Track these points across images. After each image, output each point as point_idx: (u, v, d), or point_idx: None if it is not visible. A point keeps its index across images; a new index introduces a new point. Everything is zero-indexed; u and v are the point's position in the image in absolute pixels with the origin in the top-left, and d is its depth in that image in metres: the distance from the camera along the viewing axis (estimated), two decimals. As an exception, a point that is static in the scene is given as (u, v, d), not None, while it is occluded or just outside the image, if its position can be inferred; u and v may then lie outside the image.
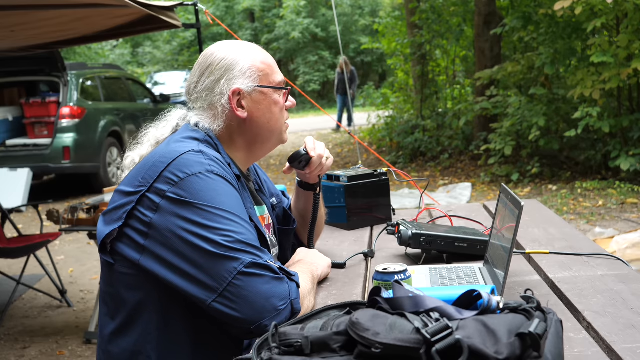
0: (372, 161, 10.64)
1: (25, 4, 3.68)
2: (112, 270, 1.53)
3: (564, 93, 8.48)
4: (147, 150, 1.68)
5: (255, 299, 1.38)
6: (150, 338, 1.50)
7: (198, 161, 1.49)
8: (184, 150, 1.52)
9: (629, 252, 4.30)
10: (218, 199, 1.45)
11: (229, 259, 1.40)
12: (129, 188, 1.51)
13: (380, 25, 14.26)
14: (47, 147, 8.70)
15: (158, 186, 1.46)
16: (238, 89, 1.63)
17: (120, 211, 1.50)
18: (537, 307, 1.03)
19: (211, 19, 5.03)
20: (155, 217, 1.45)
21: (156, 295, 1.50)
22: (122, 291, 1.53)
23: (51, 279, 4.68)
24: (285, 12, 24.50)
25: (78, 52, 18.67)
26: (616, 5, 7.05)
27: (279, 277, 1.42)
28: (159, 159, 1.51)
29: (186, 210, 1.43)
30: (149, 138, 1.72)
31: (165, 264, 1.44)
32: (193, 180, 1.46)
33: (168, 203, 1.45)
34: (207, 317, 1.48)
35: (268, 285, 1.40)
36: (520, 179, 8.31)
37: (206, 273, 1.40)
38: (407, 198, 7.36)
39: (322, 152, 1.87)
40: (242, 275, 1.39)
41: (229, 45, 1.69)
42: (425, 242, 1.90)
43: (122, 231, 1.49)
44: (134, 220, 1.48)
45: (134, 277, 1.50)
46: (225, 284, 1.39)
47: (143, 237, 1.47)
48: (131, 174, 1.56)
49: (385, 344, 0.95)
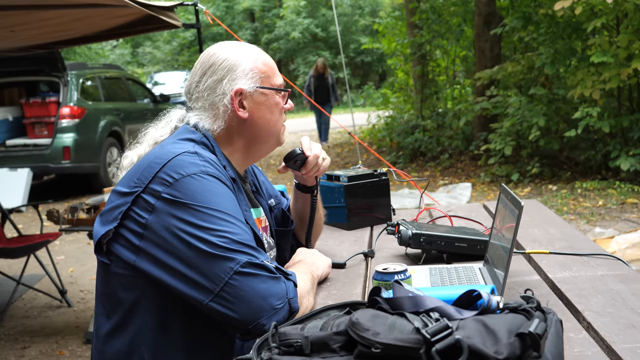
0: (372, 161, 10.64)
1: (25, 4, 3.68)
2: (108, 270, 1.54)
3: (564, 93, 8.48)
4: (145, 150, 1.68)
5: (252, 299, 1.38)
6: (145, 339, 1.50)
7: (193, 162, 1.50)
8: (179, 151, 1.52)
9: (629, 252, 4.30)
10: (213, 199, 1.45)
11: (225, 259, 1.40)
12: (124, 189, 1.52)
13: (380, 25, 14.26)
14: (47, 147, 8.70)
15: (153, 187, 1.46)
16: (240, 89, 1.64)
17: (115, 212, 1.50)
18: (537, 307, 1.03)
19: (211, 19, 5.02)
20: (150, 218, 1.45)
21: (151, 296, 1.50)
22: (117, 291, 1.53)
23: (51, 279, 4.68)
24: (285, 12, 24.51)
25: (78, 52, 18.68)
26: (616, 5, 7.05)
27: (276, 277, 1.42)
28: (154, 159, 1.51)
29: (181, 211, 1.43)
30: (148, 138, 1.72)
31: (161, 265, 1.44)
32: (188, 181, 1.46)
33: (163, 204, 1.45)
34: (202, 317, 1.49)
35: (265, 285, 1.40)
36: (520, 179, 8.31)
37: (202, 274, 1.40)
38: (407, 198, 7.36)
39: (318, 152, 1.86)
40: (239, 275, 1.39)
41: (231, 46, 1.69)
42: (425, 242, 1.90)
43: (117, 232, 1.49)
44: (130, 221, 1.48)
45: (130, 278, 1.50)
46: (222, 284, 1.39)
47: (138, 238, 1.47)
48: (127, 175, 1.56)
49: (385, 344, 0.95)
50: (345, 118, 15.39)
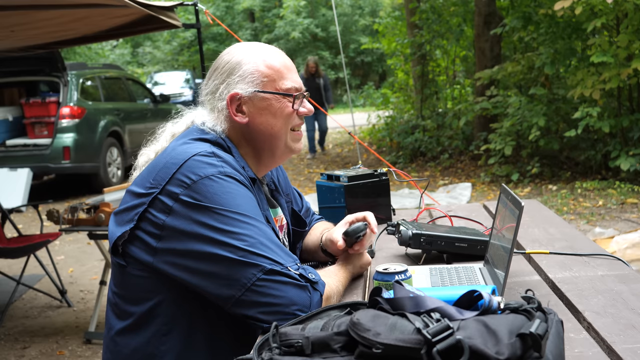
0: (372, 161, 10.64)
1: (25, 4, 3.68)
2: (124, 272, 1.52)
3: (564, 93, 8.48)
4: (163, 146, 1.65)
5: (275, 305, 1.37)
6: (164, 339, 1.49)
7: (210, 163, 1.46)
8: (195, 151, 1.49)
9: (629, 252, 4.30)
10: (233, 202, 1.43)
11: (248, 265, 1.38)
12: (140, 189, 1.49)
13: (380, 25, 14.27)
14: (47, 147, 8.70)
15: (170, 188, 1.44)
16: (236, 94, 1.59)
17: (131, 213, 1.48)
18: (537, 308, 1.03)
19: (211, 19, 5.02)
20: (168, 219, 1.43)
21: (170, 297, 1.49)
22: (134, 293, 1.51)
23: (51, 279, 4.68)
24: (285, 12, 24.50)
25: (78, 52, 18.68)
26: (616, 5, 7.05)
27: (301, 285, 1.40)
28: (170, 160, 1.48)
29: (201, 214, 1.41)
30: (166, 135, 1.69)
31: (182, 267, 1.43)
32: (206, 182, 1.43)
33: (182, 206, 1.42)
34: (224, 317, 1.47)
35: (287, 292, 1.38)
36: (520, 179, 8.31)
37: (225, 278, 1.39)
38: (407, 198, 7.36)
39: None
40: (262, 282, 1.37)
41: (239, 48, 1.65)
42: (426, 242, 1.89)
43: (133, 233, 1.47)
44: (146, 223, 1.46)
45: (147, 279, 1.49)
46: (245, 289, 1.37)
47: (156, 239, 1.45)
48: (142, 175, 1.53)
49: (386, 344, 0.95)
50: (345, 118, 15.39)
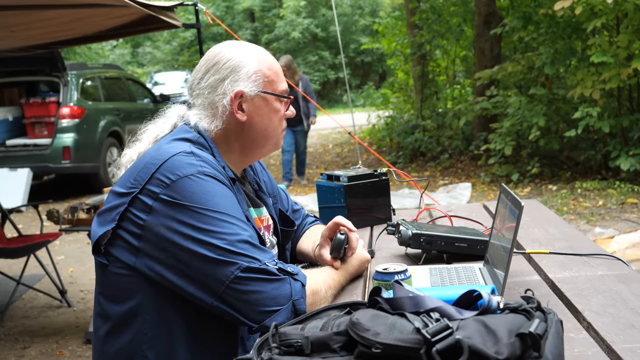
0: (372, 161, 10.65)
1: (25, 4, 3.68)
2: (107, 271, 1.53)
3: (564, 93, 8.48)
4: (146, 148, 1.67)
5: (253, 302, 1.39)
6: (146, 338, 1.50)
7: (189, 162, 1.48)
8: (175, 151, 1.51)
9: (629, 252, 4.29)
10: (212, 200, 1.45)
11: (226, 264, 1.40)
12: (121, 189, 1.51)
13: (380, 25, 14.26)
14: (47, 147, 8.70)
15: (150, 188, 1.46)
16: (241, 92, 1.61)
17: (113, 212, 1.50)
18: (537, 307, 1.03)
19: (211, 19, 5.02)
20: (148, 219, 1.45)
21: (152, 296, 1.50)
22: (116, 292, 1.53)
23: (51, 279, 4.68)
24: (285, 12, 24.49)
25: (78, 52, 18.69)
26: (616, 5, 7.05)
27: (279, 278, 1.42)
28: (150, 160, 1.50)
29: (181, 213, 1.43)
30: (148, 135, 1.70)
31: (163, 266, 1.45)
32: (185, 182, 1.45)
33: (161, 205, 1.44)
34: (206, 316, 1.49)
35: (266, 288, 1.40)
36: (520, 179, 8.31)
37: (204, 276, 1.41)
38: (407, 198, 7.36)
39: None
40: (239, 279, 1.39)
41: (238, 46, 1.67)
42: (425, 242, 1.90)
43: (115, 233, 1.49)
44: (127, 222, 1.48)
45: (129, 278, 1.50)
46: (224, 287, 1.40)
47: (137, 239, 1.47)
48: (125, 175, 1.55)
49: (385, 344, 0.95)
50: (345, 118, 15.40)
